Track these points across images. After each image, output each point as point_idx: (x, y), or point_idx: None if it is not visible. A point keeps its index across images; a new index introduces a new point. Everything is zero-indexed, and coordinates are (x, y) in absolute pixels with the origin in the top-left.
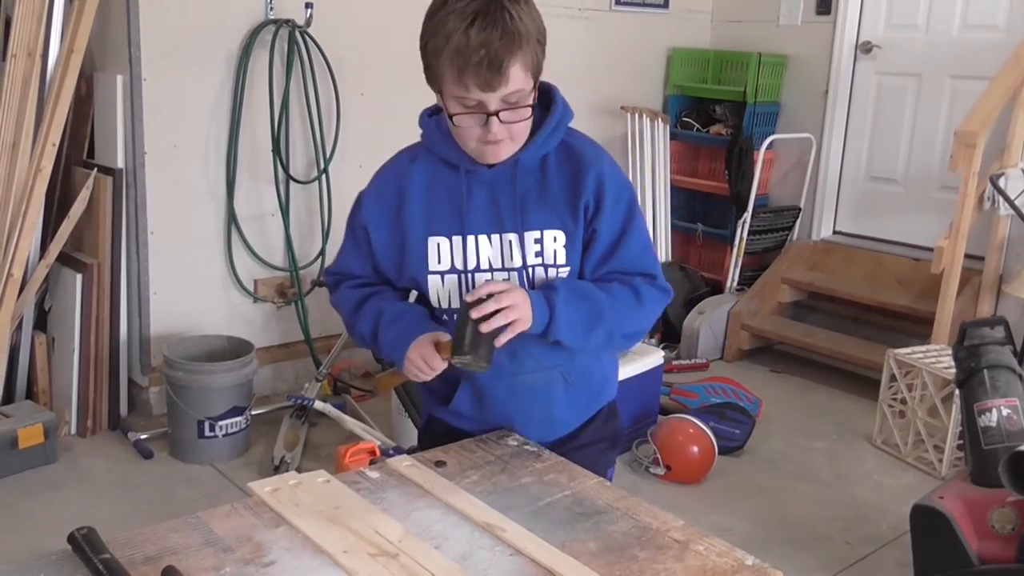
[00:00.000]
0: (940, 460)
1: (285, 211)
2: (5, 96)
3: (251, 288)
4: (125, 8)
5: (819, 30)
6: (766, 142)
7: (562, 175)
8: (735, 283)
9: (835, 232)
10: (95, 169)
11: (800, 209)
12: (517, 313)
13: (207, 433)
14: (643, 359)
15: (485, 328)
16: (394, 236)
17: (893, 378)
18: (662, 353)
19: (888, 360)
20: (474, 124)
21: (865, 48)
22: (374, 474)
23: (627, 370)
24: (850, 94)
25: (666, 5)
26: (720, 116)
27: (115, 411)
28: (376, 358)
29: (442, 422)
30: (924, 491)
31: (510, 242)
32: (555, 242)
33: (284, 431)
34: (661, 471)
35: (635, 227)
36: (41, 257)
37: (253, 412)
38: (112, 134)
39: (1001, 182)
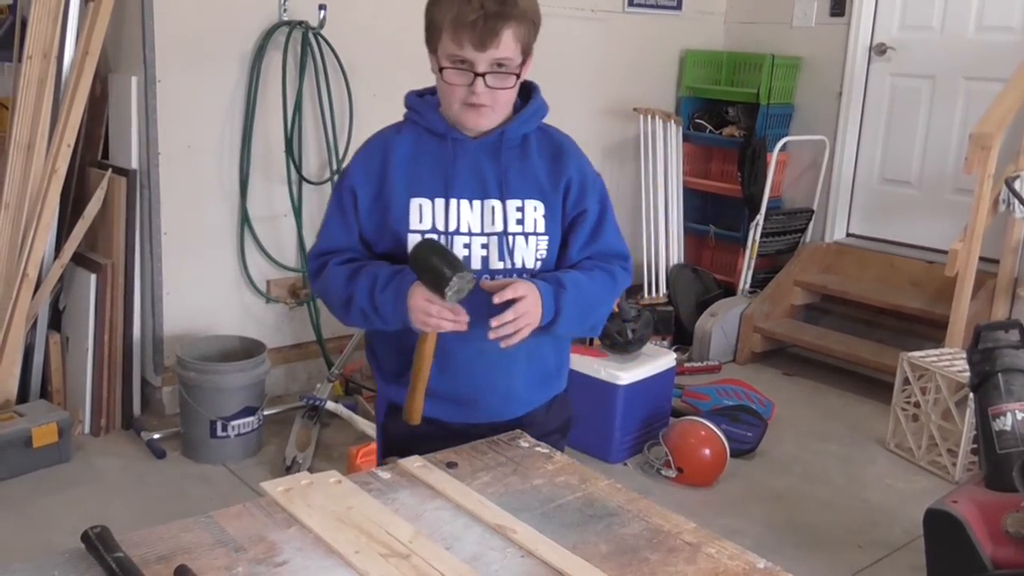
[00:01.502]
0: (954, 464)
1: (298, 212)
2: (21, 97)
3: (264, 288)
4: (140, 10)
5: (833, 31)
6: (779, 144)
7: (543, 153)
8: (747, 285)
9: (848, 234)
10: (109, 170)
11: (813, 211)
12: (528, 319)
13: (219, 433)
14: (655, 361)
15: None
16: (378, 198)
17: (907, 381)
18: (674, 355)
19: (902, 363)
20: (461, 82)
21: (879, 50)
22: (386, 475)
23: (638, 373)
24: (864, 96)
25: (679, 7)
26: (733, 118)
27: (128, 410)
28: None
29: (402, 410)
30: (938, 495)
31: (492, 208)
32: (535, 211)
33: (296, 431)
34: (673, 473)
35: (610, 213)
36: (56, 257)
37: (265, 412)
38: (126, 135)
39: (1016, 184)
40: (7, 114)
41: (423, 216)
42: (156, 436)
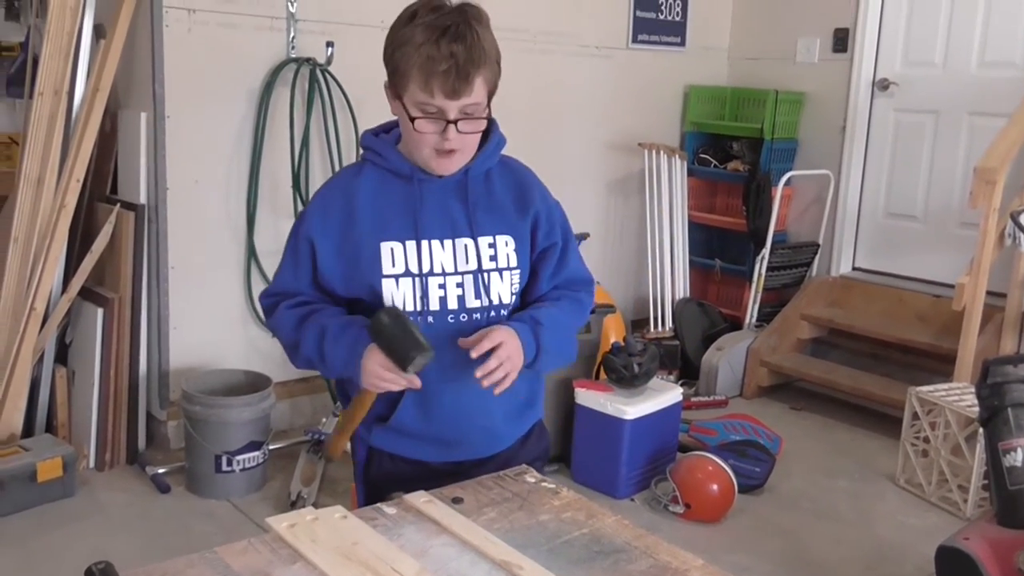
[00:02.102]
0: (965, 500)
1: None
2: (32, 132)
3: None
4: (150, 47)
5: (836, 67)
6: (784, 178)
7: (507, 187)
8: (754, 319)
9: (855, 268)
10: (118, 204)
11: (819, 245)
12: (512, 363)
13: (224, 468)
14: (661, 396)
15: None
16: (343, 246)
17: (916, 416)
18: (680, 390)
19: (910, 398)
20: (432, 130)
21: (882, 85)
22: (391, 510)
23: (645, 407)
24: (868, 131)
25: (683, 43)
26: (737, 152)
27: (133, 445)
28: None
29: (384, 456)
30: (949, 532)
31: (464, 246)
32: (507, 246)
33: (301, 466)
34: (680, 509)
35: (572, 240)
36: (63, 291)
37: (270, 447)
38: (135, 170)
39: (1022, 219)
40: (18, 149)
41: (395, 260)
42: (161, 471)
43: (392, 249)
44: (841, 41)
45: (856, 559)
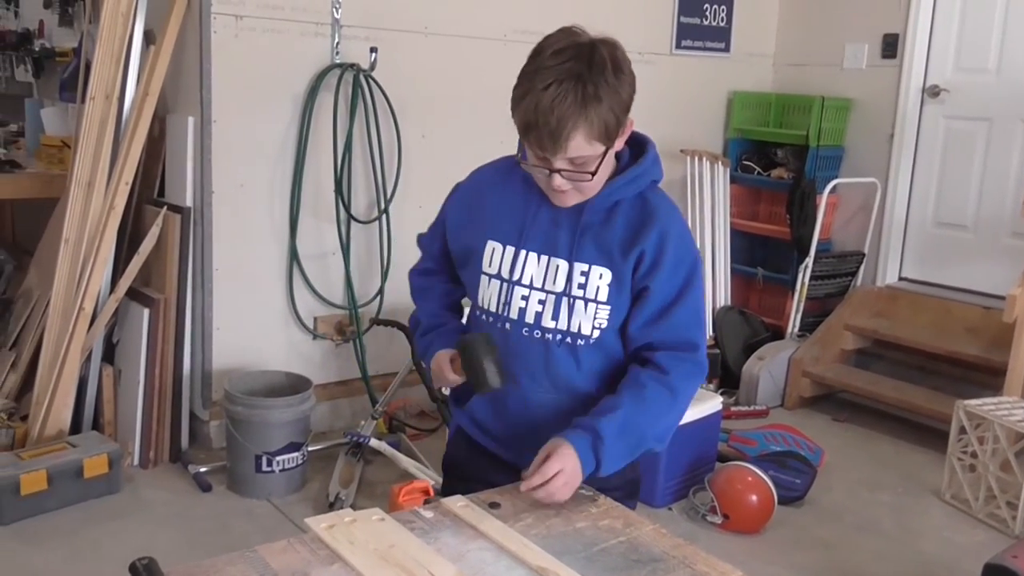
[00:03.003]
0: (1013, 517)
1: (346, 250)
2: (83, 137)
3: (311, 325)
4: (198, 53)
5: (884, 73)
6: (829, 186)
7: (628, 221)
8: (796, 329)
9: (901, 278)
10: (165, 207)
11: (864, 254)
12: (566, 489)
13: (264, 468)
14: (701, 405)
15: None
16: (464, 231)
17: (963, 430)
18: (720, 399)
19: (957, 411)
20: (541, 175)
21: (932, 91)
22: (428, 514)
23: (684, 415)
24: (917, 138)
25: (727, 49)
26: (782, 159)
27: (176, 443)
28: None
29: (464, 435)
30: (996, 549)
31: (557, 267)
32: (600, 279)
33: (339, 468)
34: (718, 520)
35: (690, 297)
36: (111, 291)
37: (310, 448)
38: (182, 173)
39: None
40: (70, 153)
41: (492, 260)
42: (203, 469)
43: (494, 249)
44: (890, 47)
45: (900, 575)
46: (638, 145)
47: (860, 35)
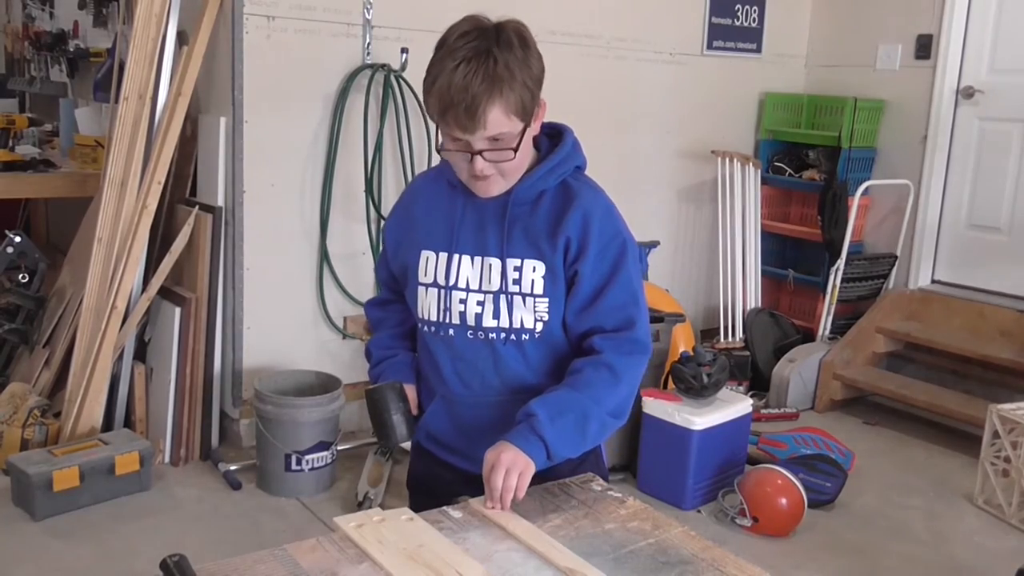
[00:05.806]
0: None
1: (376, 250)
2: (117, 136)
3: (340, 325)
4: (231, 54)
5: (918, 75)
6: (861, 188)
7: (551, 210)
8: (827, 331)
9: (934, 281)
10: (196, 207)
11: (896, 257)
12: (513, 477)
13: (294, 467)
14: (731, 407)
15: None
16: (400, 247)
17: (996, 435)
18: (750, 401)
19: (991, 416)
20: (461, 159)
21: (967, 93)
22: (457, 514)
23: (713, 418)
24: (950, 140)
25: (759, 49)
26: (813, 161)
27: (207, 442)
28: None
29: (423, 450)
30: None
31: (490, 266)
32: (534, 272)
33: (368, 467)
34: (748, 522)
35: (622, 276)
36: (143, 290)
37: (339, 447)
38: (214, 173)
39: None
40: (103, 152)
41: (427, 270)
42: (233, 468)
43: (428, 258)
44: (924, 48)
45: None
46: (557, 134)
47: (893, 36)
